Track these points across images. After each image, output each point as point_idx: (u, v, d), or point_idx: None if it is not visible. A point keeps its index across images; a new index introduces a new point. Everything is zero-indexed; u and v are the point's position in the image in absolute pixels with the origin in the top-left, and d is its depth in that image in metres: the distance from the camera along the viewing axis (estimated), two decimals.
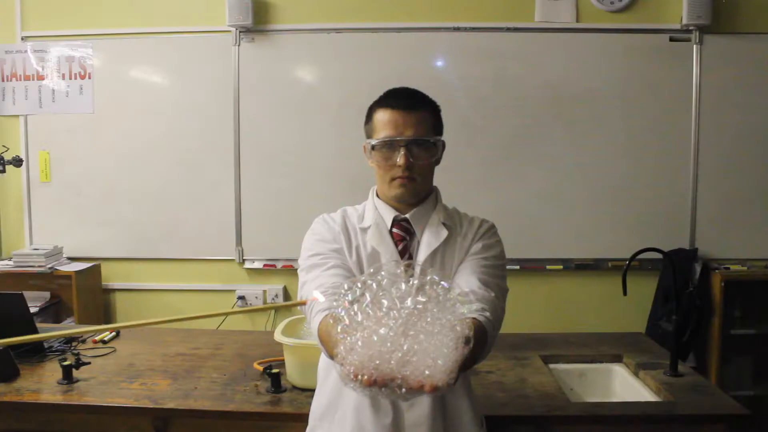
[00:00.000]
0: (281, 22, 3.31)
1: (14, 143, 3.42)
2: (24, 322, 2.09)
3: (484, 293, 1.26)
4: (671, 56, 3.24)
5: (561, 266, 3.35)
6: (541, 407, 1.74)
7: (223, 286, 3.45)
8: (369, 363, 0.79)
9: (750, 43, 3.23)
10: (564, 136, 3.30)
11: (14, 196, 3.51)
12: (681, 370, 2.00)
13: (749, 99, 3.25)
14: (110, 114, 3.41)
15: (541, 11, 3.27)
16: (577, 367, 2.16)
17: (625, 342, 2.33)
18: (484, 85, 3.29)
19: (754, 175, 3.29)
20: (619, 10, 3.25)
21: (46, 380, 1.93)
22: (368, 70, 3.27)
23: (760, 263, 3.30)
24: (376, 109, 1.37)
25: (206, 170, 3.40)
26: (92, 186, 3.45)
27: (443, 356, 0.80)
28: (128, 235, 3.46)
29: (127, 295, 3.52)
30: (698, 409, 1.74)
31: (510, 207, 3.30)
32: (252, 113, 3.35)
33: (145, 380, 1.94)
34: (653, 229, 3.28)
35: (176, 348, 2.27)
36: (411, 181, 1.34)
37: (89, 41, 3.38)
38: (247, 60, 3.33)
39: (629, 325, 3.08)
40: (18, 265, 3.23)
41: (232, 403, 1.77)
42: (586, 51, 3.26)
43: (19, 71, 3.42)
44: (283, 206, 3.34)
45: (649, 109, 3.27)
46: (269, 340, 2.06)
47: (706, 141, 3.27)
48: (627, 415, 1.73)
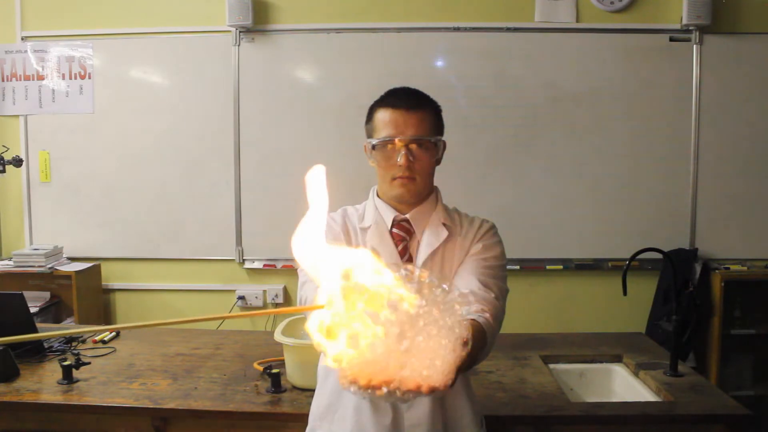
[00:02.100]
0: (281, 22, 3.31)
1: (14, 143, 3.42)
2: (24, 322, 2.09)
3: (484, 294, 1.26)
4: (671, 56, 3.24)
5: (561, 266, 3.35)
6: (541, 407, 1.74)
7: (223, 286, 3.45)
8: (366, 366, 0.79)
9: (750, 43, 3.23)
10: (564, 136, 3.30)
11: (14, 196, 3.51)
12: (681, 370, 2.00)
13: (749, 99, 3.25)
14: (110, 114, 3.41)
15: (541, 11, 3.27)
16: (577, 367, 2.16)
17: (625, 342, 2.33)
18: (484, 85, 3.29)
19: (754, 175, 3.29)
20: (619, 10, 3.25)
21: (46, 380, 1.93)
22: (368, 70, 3.27)
23: (760, 263, 3.30)
24: (377, 108, 1.37)
25: (206, 170, 3.40)
26: (92, 186, 3.44)
27: (441, 358, 0.80)
28: (128, 235, 3.46)
29: (127, 295, 3.52)
30: (698, 409, 1.74)
31: (510, 207, 3.30)
32: (252, 113, 3.35)
33: (145, 380, 1.94)
34: (653, 229, 3.28)
35: (176, 348, 2.27)
36: (411, 181, 1.34)
37: (89, 41, 3.38)
38: (247, 60, 3.33)
39: (629, 325, 3.08)
40: (18, 265, 3.23)
41: (232, 403, 1.77)
42: (586, 51, 3.26)
43: (19, 71, 3.42)
44: (283, 206, 3.34)
45: (649, 109, 3.27)
46: (269, 340, 2.06)
47: (706, 141, 3.27)
48: (627, 415, 1.73)
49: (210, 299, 3.46)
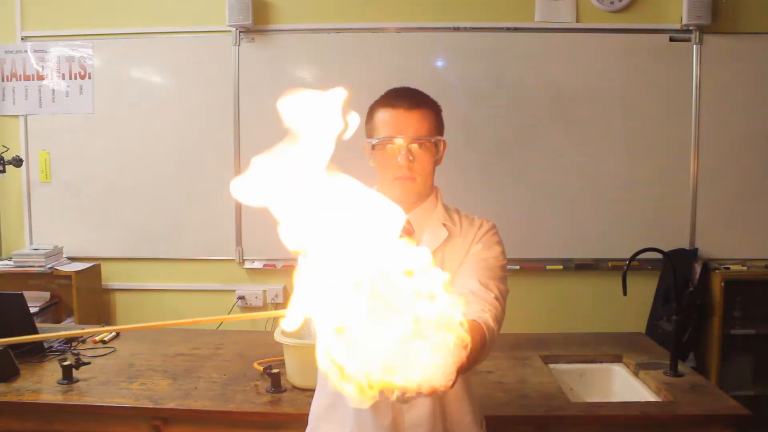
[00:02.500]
0: (281, 22, 3.31)
1: (14, 143, 3.41)
2: (24, 322, 2.09)
3: (485, 294, 1.25)
4: (671, 56, 3.24)
5: (561, 266, 3.35)
6: (541, 407, 1.74)
7: (223, 286, 3.45)
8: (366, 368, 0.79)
9: (750, 43, 3.23)
10: (564, 136, 3.29)
11: (14, 196, 3.51)
12: (681, 370, 2.00)
13: (749, 99, 3.25)
14: (110, 114, 3.41)
15: (541, 11, 3.27)
16: (577, 367, 2.16)
17: (625, 342, 2.33)
18: (484, 85, 3.29)
19: (754, 175, 3.29)
20: (619, 10, 3.25)
21: (46, 380, 1.93)
22: (368, 70, 3.27)
23: (760, 263, 3.30)
24: (377, 108, 1.37)
25: (206, 170, 3.39)
26: (92, 186, 3.44)
27: (441, 359, 0.80)
28: (128, 235, 3.46)
29: (127, 295, 3.52)
30: (698, 409, 1.74)
31: (510, 207, 3.29)
32: (252, 113, 3.34)
33: (145, 380, 1.94)
34: (653, 229, 3.28)
35: (176, 348, 2.27)
36: (411, 181, 1.34)
37: (89, 41, 3.38)
38: (247, 60, 3.33)
39: (629, 325, 3.07)
40: (18, 265, 3.23)
41: (232, 403, 1.77)
42: (586, 51, 3.26)
43: (19, 71, 3.42)
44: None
45: (649, 109, 3.27)
46: (269, 340, 2.06)
47: (706, 141, 3.27)
48: (627, 415, 1.73)
49: (210, 299, 3.46)
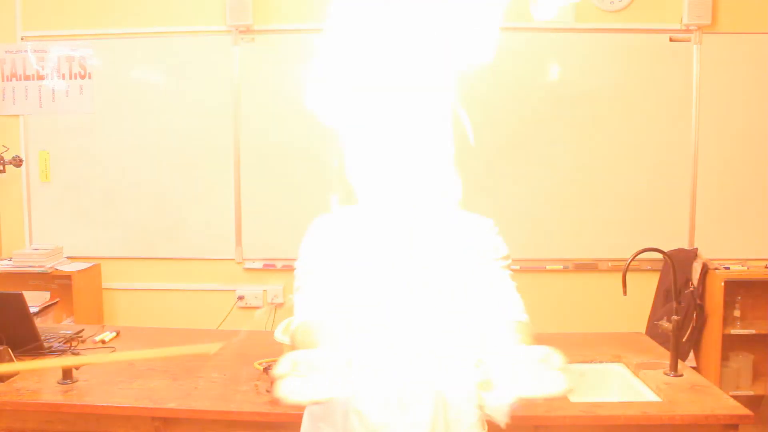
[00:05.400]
0: (281, 22, 3.31)
1: (14, 143, 3.41)
2: (24, 322, 2.09)
3: (512, 295, 1.36)
4: (671, 56, 3.24)
5: (561, 266, 3.35)
6: (541, 407, 1.74)
7: (222, 286, 3.45)
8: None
9: (750, 43, 3.23)
10: (564, 136, 3.29)
11: (14, 196, 3.51)
12: (681, 370, 2.00)
13: (749, 99, 3.25)
14: (110, 114, 3.41)
15: (541, 11, 3.26)
16: (577, 367, 2.16)
17: (625, 342, 2.33)
18: (484, 85, 3.28)
19: (754, 175, 3.29)
20: (619, 10, 3.25)
21: (46, 380, 1.92)
22: None
23: (760, 263, 3.30)
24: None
25: (206, 170, 3.39)
26: (92, 186, 3.44)
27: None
28: (128, 235, 3.46)
29: (127, 295, 3.52)
30: (698, 409, 1.74)
31: (510, 207, 3.29)
32: (252, 113, 3.34)
33: (145, 380, 1.94)
34: (653, 229, 3.28)
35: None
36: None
37: (89, 41, 3.38)
38: (247, 60, 3.33)
39: (629, 325, 3.07)
40: (18, 265, 3.23)
41: (232, 403, 1.77)
42: (586, 51, 3.26)
43: (19, 71, 3.42)
44: (283, 206, 3.34)
45: (649, 109, 3.27)
46: (269, 340, 2.06)
47: (706, 141, 3.27)
48: (627, 415, 1.73)
49: (210, 299, 3.46)
